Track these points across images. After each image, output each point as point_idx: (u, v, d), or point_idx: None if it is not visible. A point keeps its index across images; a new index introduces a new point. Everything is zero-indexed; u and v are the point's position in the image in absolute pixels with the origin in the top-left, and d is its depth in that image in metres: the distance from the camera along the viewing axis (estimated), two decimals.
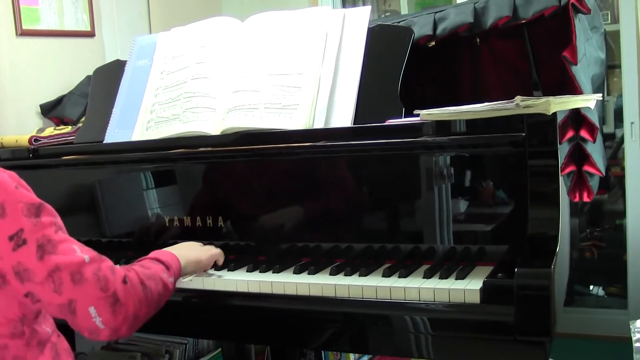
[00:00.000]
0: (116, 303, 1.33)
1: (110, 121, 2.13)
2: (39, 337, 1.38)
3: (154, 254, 1.59)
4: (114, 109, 2.14)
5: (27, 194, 1.31)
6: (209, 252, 1.76)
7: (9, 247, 1.26)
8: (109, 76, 2.27)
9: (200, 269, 1.72)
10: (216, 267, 1.78)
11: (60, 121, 2.81)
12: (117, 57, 2.41)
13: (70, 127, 2.45)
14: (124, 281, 1.36)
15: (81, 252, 1.32)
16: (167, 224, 1.97)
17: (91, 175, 2.11)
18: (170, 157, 1.98)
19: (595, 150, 1.94)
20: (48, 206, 1.33)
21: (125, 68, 2.20)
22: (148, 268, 1.48)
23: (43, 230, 1.29)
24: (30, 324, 1.36)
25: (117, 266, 1.39)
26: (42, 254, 1.27)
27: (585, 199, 1.96)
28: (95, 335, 1.34)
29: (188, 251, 1.69)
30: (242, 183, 1.93)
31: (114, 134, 2.10)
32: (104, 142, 2.11)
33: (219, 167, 1.95)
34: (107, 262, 1.37)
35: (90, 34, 3.09)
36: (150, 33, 3.41)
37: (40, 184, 1.88)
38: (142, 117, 2.06)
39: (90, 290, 1.30)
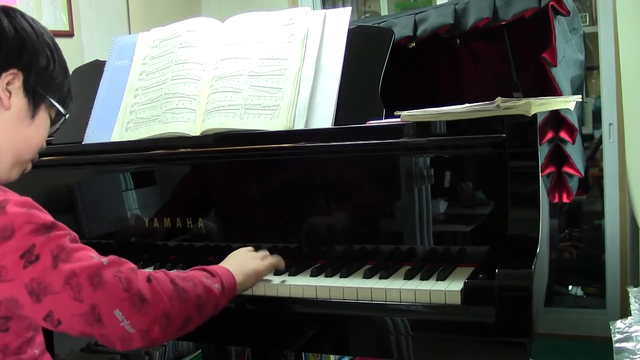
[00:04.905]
0: (143, 302, 1.25)
1: (89, 122, 2.11)
2: None
3: (199, 267, 1.51)
4: (93, 110, 2.13)
5: (39, 214, 1.25)
6: (265, 260, 1.65)
7: (20, 265, 1.20)
8: (88, 76, 2.25)
9: (259, 279, 1.62)
10: None
11: None
12: (96, 57, 2.38)
13: None
14: (149, 280, 1.29)
15: (98, 257, 1.27)
16: (147, 225, 1.96)
17: (70, 176, 2.10)
18: (150, 158, 1.97)
19: (575, 151, 1.95)
20: (61, 223, 1.27)
21: (105, 68, 2.19)
22: (184, 272, 1.42)
23: (56, 241, 1.23)
24: (14, 354, 1.29)
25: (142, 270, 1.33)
26: (57, 262, 1.21)
27: (565, 199, 1.97)
28: (128, 342, 1.26)
29: (243, 263, 1.60)
30: (221, 184, 1.92)
31: (93, 135, 2.09)
32: (83, 142, 2.09)
33: (198, 168, 1.94)
34: (129, 264, 1.30)
35: (69, 34, 3.07)
36: (130, 33, 3.39)
37: (19, 185, 1.85)
38: (122, 118, 2.04)
39: (112, 291, 1.23)
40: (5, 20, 1.36)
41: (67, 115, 1.50)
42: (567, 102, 1.73)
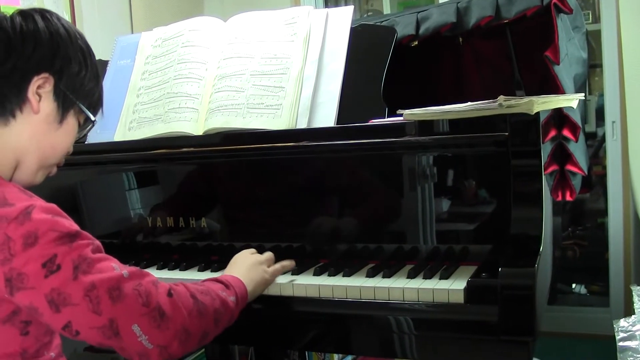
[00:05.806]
0: (162, 317, 1.24)
1: None
2: None
3: (212, 278, 1.49)
4: None
5: (64, 222, 1.23)
6: (271, 268, 1.63)
7: (41, 274, 1.18)
8: None
9: (267, 285, 1.61)
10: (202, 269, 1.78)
11: None
12: (98, 56, 2.37)
13: None
14: (169, 294, 1.27)
15: (120, 269, 1.24)
16: (150, 225, 1.96)
17: (73, 176, 2.09)
18: (153, 158, 1.97)
19: (578, 149, 1.95)
20: (85, 232, 1.25)
21: (107, 68, 2.19)
22: (201, 285, 1.40)
23: (79, 250, 1.21)
24: (32, 358, 1.28)
25: (163, 282, 1.30)
26: (77, 274, 1.19)
27: (568, 198, 1.97)
28: (145, 357, 1.25)
29: (251, 271, 1.57)
30: (224, 183, 1.92)
31: (95, 135, 2.08)
32: (86, 142, 2.10)
33: (201, 168, 1.94)
34: (150, 277, 1.28)
35: None
36: (132, 33, 3.39)
37: None
38: (125, 118, 2.04)
39: (131, 306, 1.22)
40: (41, 22, 1.35)
41: (96, 122, 1.48)
42: (570, 100, 1.73)
